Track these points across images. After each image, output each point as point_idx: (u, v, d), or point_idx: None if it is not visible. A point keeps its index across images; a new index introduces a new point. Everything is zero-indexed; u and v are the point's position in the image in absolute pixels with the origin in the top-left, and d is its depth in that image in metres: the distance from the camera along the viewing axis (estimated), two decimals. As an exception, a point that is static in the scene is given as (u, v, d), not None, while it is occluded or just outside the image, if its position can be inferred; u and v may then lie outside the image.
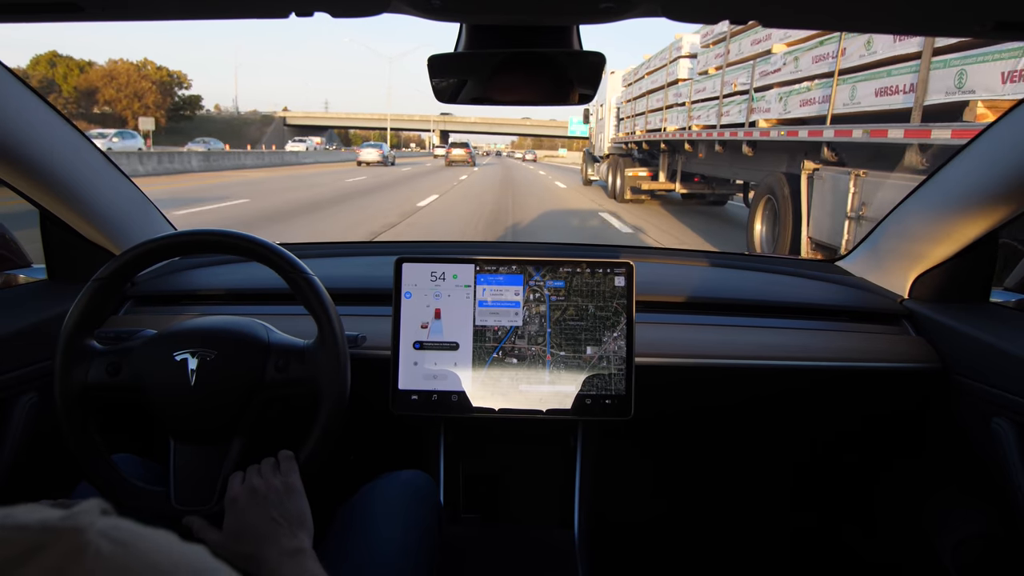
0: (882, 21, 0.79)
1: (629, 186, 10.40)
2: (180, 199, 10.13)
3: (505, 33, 0.74)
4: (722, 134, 6.27)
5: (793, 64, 4.90)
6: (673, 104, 8.10)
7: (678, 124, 7.91)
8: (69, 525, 0.23)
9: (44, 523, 0.23)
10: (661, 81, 8.69)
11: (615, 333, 0.97)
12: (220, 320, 0.82)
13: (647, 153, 10.25)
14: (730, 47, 6.24)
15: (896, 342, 1.10)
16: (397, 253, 1.02)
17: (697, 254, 1.47)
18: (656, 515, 1.42)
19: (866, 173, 3.86)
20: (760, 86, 5.47)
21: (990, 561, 1.06)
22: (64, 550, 0.22)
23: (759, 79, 5.47)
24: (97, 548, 0.22)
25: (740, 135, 5.80)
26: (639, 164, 10.36)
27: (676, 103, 7.99)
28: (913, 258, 1.14)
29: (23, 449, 0.94)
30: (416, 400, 0.97)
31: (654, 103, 9.03)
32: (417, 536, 0.81)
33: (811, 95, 4.63)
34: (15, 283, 1.26)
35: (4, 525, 0.22)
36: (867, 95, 3.94)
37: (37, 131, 0.92)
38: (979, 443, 0.99)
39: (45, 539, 0.22)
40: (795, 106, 4.85)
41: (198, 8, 0.68)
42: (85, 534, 0.23)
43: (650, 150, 9.99)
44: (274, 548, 0.64)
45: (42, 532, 0.22)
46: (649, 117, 9.31)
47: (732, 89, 6.12)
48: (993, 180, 0.95)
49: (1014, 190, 0.93)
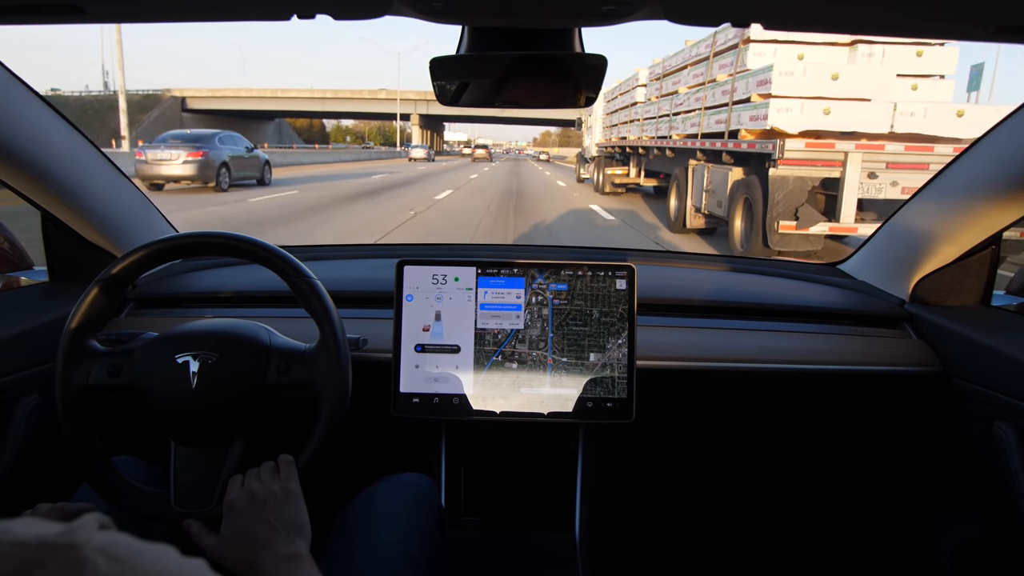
0: (883, 24, 0.77)
1: (609, 181, 13.30)
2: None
3: (507, 36, 0.74)
4: (659, 142, 9.19)
5: (688, 101, 7.85)
6: (634, 119, 11.03)
7: (636, 135, 10.83)
8: (66, 541, 0.23)
9: (41, 539, 0.22)
10: (627, 101, 11.62)
11: (619, 340, 0.97)
12: (221, 323, 0.82)
13: (622, 155, 13.17)
14: (663, 84, 9.17)
15: (897, 346, 1.10)
16: (398, 256, 1.02)
17: (699, 257, 1.51)
18: (657, 518, 1.42)
19: (711, 166, 6.81)
20: (674, 112, 8.42)
21: (989, 565, 1.05)
22: (61, 567, 0.22)
23: (674, 108, 8.42)
24: (94, 565, 0.22)
25: (665, 144, 8.75)
26: (617, 164, 13.25)
27: (635, 119, 10.92)
28: (915, 261, 1.13)
29: (24, 451, 0.94)
30: (417, 403, 0.97)
31: (623, 118, 11.96)
32: (418, 540, 0.80)
33: (693, 120, 7.58)
34: (16, 285, 1.26)
35: (1, 541, 0.22)
36: (710, 123, 6.90)
37: (39, 133, 0.92)
38: (980, 447, 0.98)
39: (42, 556, 0.22)
40: (688, 127, 7.79)
41: (200, 10, 0.69)
42: (82, 550, 0.22)
43: (624, 153, 12.91)
44: (271, 554, 0.64)
45: (39, 549, 0.22)
46: (620, 128, 12.25)
47: (661, 113, 9.07)
48: (995, 184, 0.94)
49: (1016, 194, 0.92)
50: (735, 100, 6.19)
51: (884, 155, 5.18)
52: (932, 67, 5.83)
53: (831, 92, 5.41)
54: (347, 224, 8.44)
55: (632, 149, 11.63)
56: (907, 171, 5.22)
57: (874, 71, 5.64)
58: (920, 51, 5.79)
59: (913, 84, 5.79)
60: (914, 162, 5.19)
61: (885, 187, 5.25)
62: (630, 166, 12.57)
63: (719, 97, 6.67)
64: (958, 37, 0.69)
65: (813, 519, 1.40)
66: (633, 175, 12.52)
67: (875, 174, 5.22)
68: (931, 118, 5.37)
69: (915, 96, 5.66)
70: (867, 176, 5.22)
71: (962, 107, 5.44)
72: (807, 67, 5.47)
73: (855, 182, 5.16)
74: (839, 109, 5.38)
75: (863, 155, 5.14)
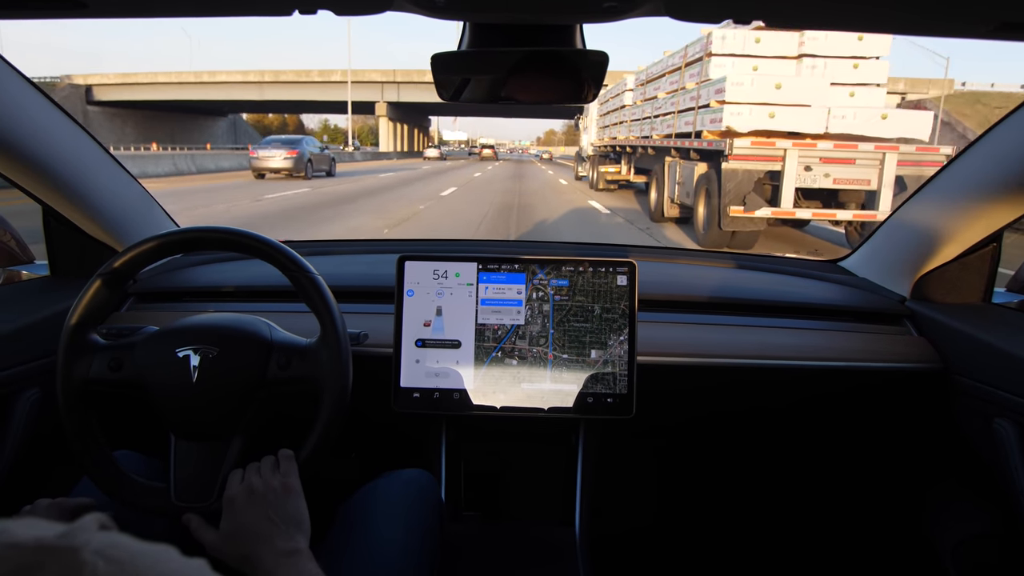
0: (885, 21, 0.77)
1: (603, 178, 14.36)
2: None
3: (509, 32, 0.74)
4: (643, 142, 10.25)
5: (665, 105, 8.92)
6: (623, 121, 12.10)
7: (625, 135, 11.90)
8: (65, 544, 0.22)
9: (40, 541, 0.22)
10: (617, 104, 12.68)
11: (621, 337, 0.97)
12: (222, 317, 0.82)
13: (615, 154, 14.21)
14: (646, 89, 10.23)
15: (898, 342, 1.10)
16: (399, 251, 1.02)
17: (701, 254, 1.52)
18: (657, 513, 1.43)
19: (683, 162, 7.87)
20: (654, 115, 9.48)
21: (990, 562, 1.06)
22: (59, 570, 0.22)
23: (654, 111, 9.48)
24: (93, 568, 0.22)
25: (647, 143, 9.82)
26: (610, 162, 14.29)
27: (624, 120, 11.99)
28: (916, 259, 1.14)
29: (25, 445, 0.94)
30: (418, 398, 0.98)
31: (614, 119, 13.02)
32: (418, 535, 0.81)
33: (669, 122, 8.64)
34: (18, 279, 1.25)
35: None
36: (681, 125, 7.97)
37: (40, 127, 0.92)
38: (981, 444, 0.99)
39: (40, 559, 0.22)
40: (665, 128, 8.86)
41: (201, 5, 0.68)
42: (81, 553, 0.22)
43: (615, 152, 13.96)
44: (270, 549, 0.64)
45: (37, 551, 0.22)
46: (611, 129, 13.32)
47: (644, 115, 10.14)
48: (996, 181, 0.95)
49: (1016, 192, 0.93)
50: (700, 105, 7.26)
51: (817, 151, 6.23)
52: (866, 76, 6.88)
53: (776, 99, 6.48)
54: (410, 195, 13.06)
55: (622, 148, 12.70)
56: (837, 165, 6.27)
57: (812, 81, 6.70)
58: (856, 64, 6.84)
59: (851, 91, 6.85)
60: (842, 157, 6.24)
61: (819, 178, 6.30)
62: (622, 164, 13.60)
63: (688, 102, 7.74)
64: (959, 35, 0.69)
65: (815, 515, 1.41)
66: (624, 172, 13.56)
67: (810, 167, 6.27)
68: (859, 120, 6.42)
69: (852, 102, 6.71)
70: (804, 169, 6.27)
71: (886, 111, 6.49)
72: (755, 78, 6.55)
73: (793, 174, 6.22)
74: (782, 113, 6.44)
75: (799, 152, 6.20)
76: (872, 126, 6.42)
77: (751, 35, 6.88)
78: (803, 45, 6.81)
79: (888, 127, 6.41)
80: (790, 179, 6.23)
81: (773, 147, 6.25)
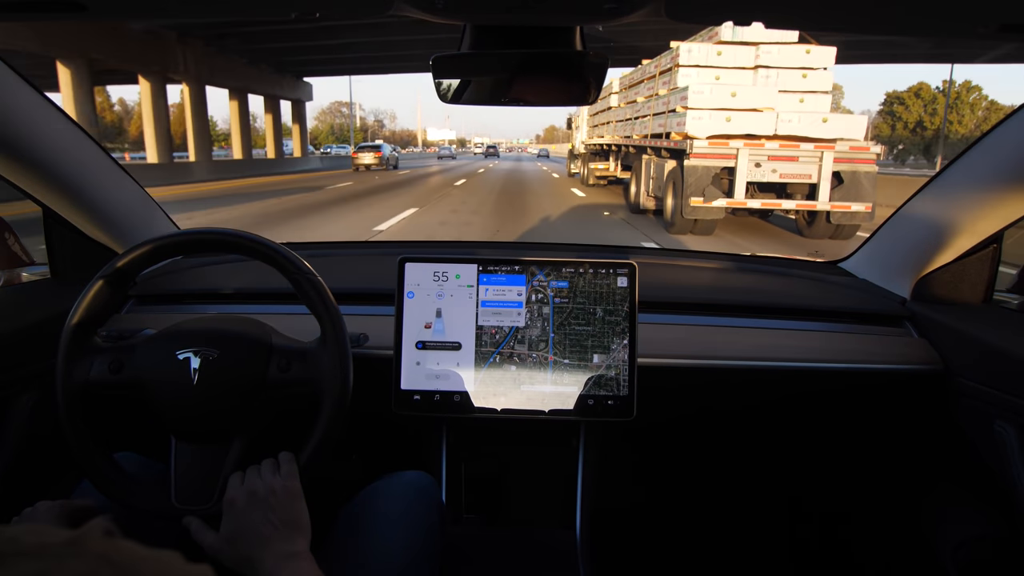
0: (885, 22, 0.76)
1: (592, 175, 15.38)
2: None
3: (509, 34, 0.74)
4: (625, 141, 11.27)
5: (643, 108, 9.95)
6: (609, 121, 13.13)
7: (611, 134, 12.94)
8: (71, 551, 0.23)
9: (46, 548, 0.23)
10: (605, 106, 13.71)
11: (624, 341, 0.97)
12: (223, 319, 0.82)
13: (604, 152, 15.21)
14: (628, 93, 11.26)
15: (898, 344, 1.10)
16: (399, 253, 1.01)
17: (701, 255, 1.51)
18: (658, 516, 1.43)
19: (656, 159, 8.91)
20: (635, 117, 10.52)
21: (991, 564, 1.05)
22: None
23: (634, 113, 10.52)
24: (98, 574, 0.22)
25: (629, 142, 10.85)
26: (600, 159, 15.29)
27: (610, 121, 13.02)
28: (916, 260, 1.14)
29: (25, 447, 0.94)
30: (418, 400, 0.98)
31: (602, 119, 14.05)
32: (420, 538, 0.81)
33: (646, 124, 9.68)
34: (18, 281, 1.25)
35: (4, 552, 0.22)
36: (655, 127, 9.01)
37: (41, 130, 0.92)
38: (981, 446, 0.98)
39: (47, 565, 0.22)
40: (643, 129, 9.90)
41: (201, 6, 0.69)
42: (85, 560, 0.23)
43: (603, 150, 14.96)
44: (271, 551, 0.64)
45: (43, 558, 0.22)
46: (600, 128, 14.35)
47: (626, 117, 11.18)
48: (996, 182, 0.95)
49: (1017, 193, 0.93)
50: (669, 110, 8.29)
51: (765, 150, 7.28)
52: (814, 85, 7.90)
53: (731, 105, 7.51)
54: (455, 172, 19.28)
55: (608, 146, 13.74)
56: (783, 162, 7.31)
57: (765, 89, 7.73)
58: (805, 74, 7.87)
59: (800, 98, 7.87)
60: (787, 155, 7.28)
61: (767, 173, 7.34)
62: (610, 161, 14.61)
63: (661, 107, 8.77)
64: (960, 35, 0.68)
65: (817, 518, 1.42)
66: (612, 169, 14.56)
67: (760, 164, 7.31)
68: (803, 123, 7.47)
69: (800, 107, 7.74)
70: (754, 165, 7.31)
71: (826, 115, 7.53)
72: (713, 87, 7.58)
73: (745, 170, 7.26)
74: (737, 117, 7.48)
75: (750, 151, 7.24)
76: (815, 128, 7.46)
77: (713, 48, 7.91)
78: (759, 58, 7.82)
79: (829, 129, 7.45)
80: (742, 174, 7.27)
81: (727, 146, 7.29)
